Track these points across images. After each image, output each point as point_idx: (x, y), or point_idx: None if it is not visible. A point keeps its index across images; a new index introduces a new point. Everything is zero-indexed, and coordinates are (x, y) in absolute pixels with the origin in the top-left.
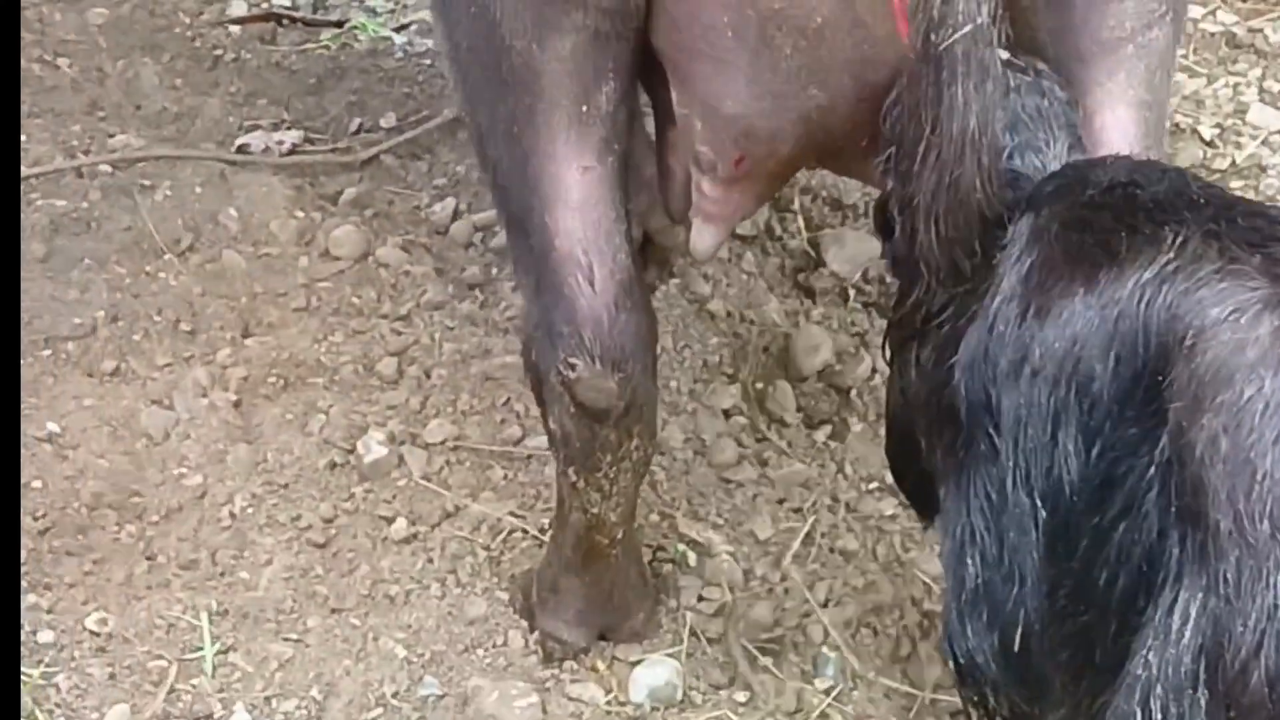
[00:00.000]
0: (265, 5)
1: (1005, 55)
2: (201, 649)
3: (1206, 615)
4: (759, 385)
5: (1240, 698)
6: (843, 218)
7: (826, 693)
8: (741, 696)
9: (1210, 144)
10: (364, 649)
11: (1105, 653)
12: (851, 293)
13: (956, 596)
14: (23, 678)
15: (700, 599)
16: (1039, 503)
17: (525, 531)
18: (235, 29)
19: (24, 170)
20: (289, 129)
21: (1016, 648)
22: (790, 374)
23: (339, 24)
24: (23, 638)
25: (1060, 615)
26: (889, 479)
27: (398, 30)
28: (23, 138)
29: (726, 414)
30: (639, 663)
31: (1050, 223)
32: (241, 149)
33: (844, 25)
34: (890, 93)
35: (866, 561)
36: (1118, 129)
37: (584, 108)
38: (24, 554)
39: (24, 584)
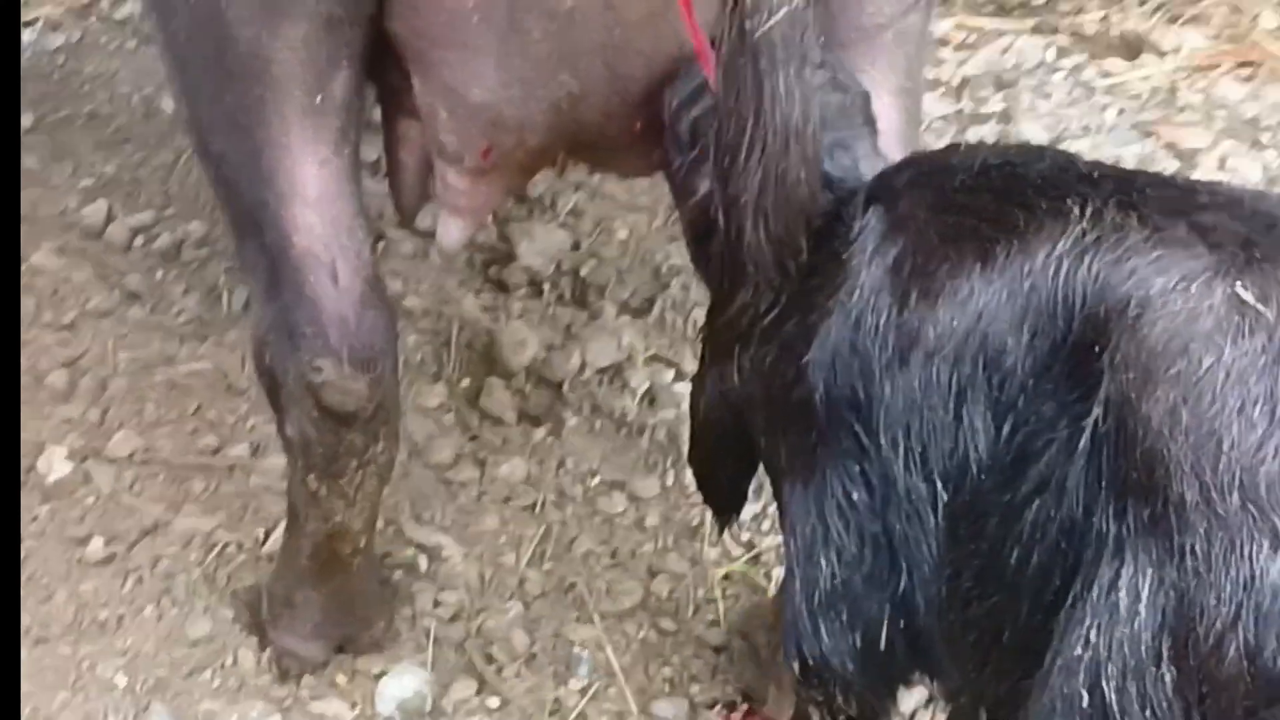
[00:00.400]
0: None
1: None
2: None
3: (1166, 590)
4: (466, 383)
5: (1215, 672)
6: (529, 210)
7: (582, 692)
8: (494, 702)
9: None
10: (79, 679)
11: (1015, 633)
12: (546, 286)
13: (807, 598)
14: None
15: (436, 604)
16: (939, 485)
17: (240, 545)
18: None
19: None
20: None
21: (884, 645)
22: (499, 370)
23: None
24: None
25: (965, 599)
26: (611, 474)
27: (26, 25)
28: None
29: (436, 413)
30: (383, 674)
31: (915, 210)
32: None
33: (595, 8)
34: (643, 83)
35: (603, 558)
36: (882, 117)
37: (318, 98)
38: None
39: None
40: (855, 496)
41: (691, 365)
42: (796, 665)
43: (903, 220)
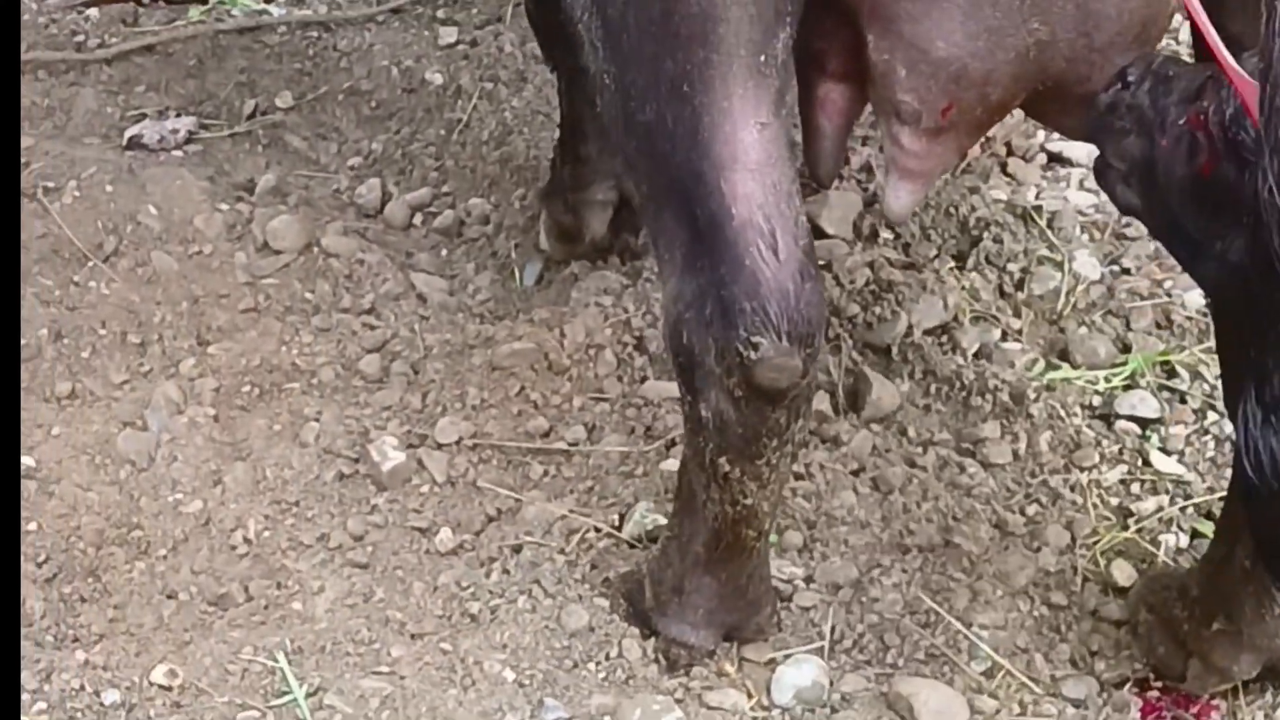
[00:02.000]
0: None
1: None
2: (289, 693)
3: None
4: None
5: None
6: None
7: (986, 675)
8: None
9: None
10: (467, 675)
11: None
12: (857, 248)
13: None
14: None
15: (810, 585)
16: None
17: (597, 530)
18: (92, 12)
19: None
20: (178, 116)
21: None
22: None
23: (204, 0)
24: (85, 700)
25: None
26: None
27: (268, 1)
28: None
29: None
30: (772, 662)
31: None
32: (134, 141)
33: None
34: (1115, 23)
35: (975, 531)
36: None
37: (761, 57)
38: (39, 606)
39: (49, 638)
40: None
41: (1015, 323)
42: None
43: None
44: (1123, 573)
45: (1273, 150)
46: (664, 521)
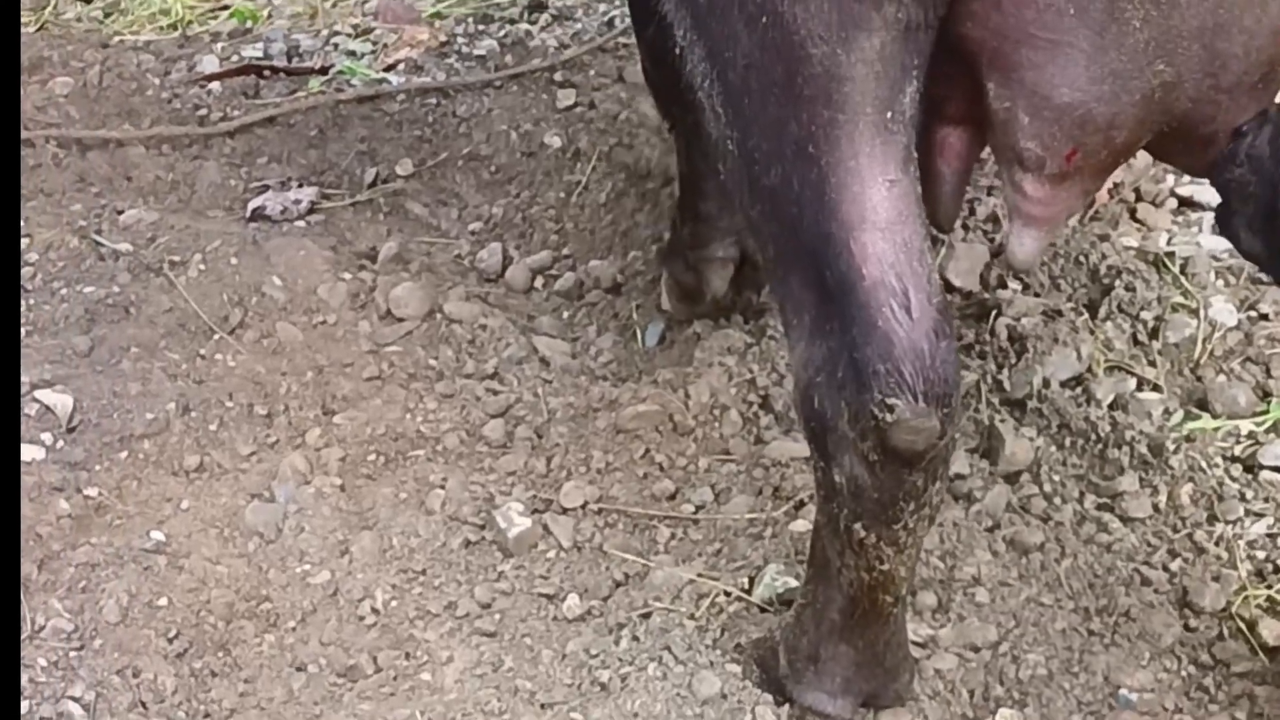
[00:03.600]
0: (237, 59)
1: None
2: None
3: None
4: None
5: None
6: None
7: None
8: None
9: None
10: None
11: None
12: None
13: None
14: None
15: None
16: None
17: (727, 594)
18: (214, 85)
19: (35, 256)
20: (300, 186)
21: None
22: None
23: (323, 70)
24: None
25: None
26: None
27: (387, 70)
28: (22, 222)
29: None
30: None
31: None
32: (257, 213)
33: None
34: (1242, 63)
35: (1124, 586)
36: None
37: (889, 114)
38: (171, 682)
39: (181, 714)
40: None
41: (1151, 372)
42: None
43: None
44: (1271, 631)
45: None
46: (794, 584)
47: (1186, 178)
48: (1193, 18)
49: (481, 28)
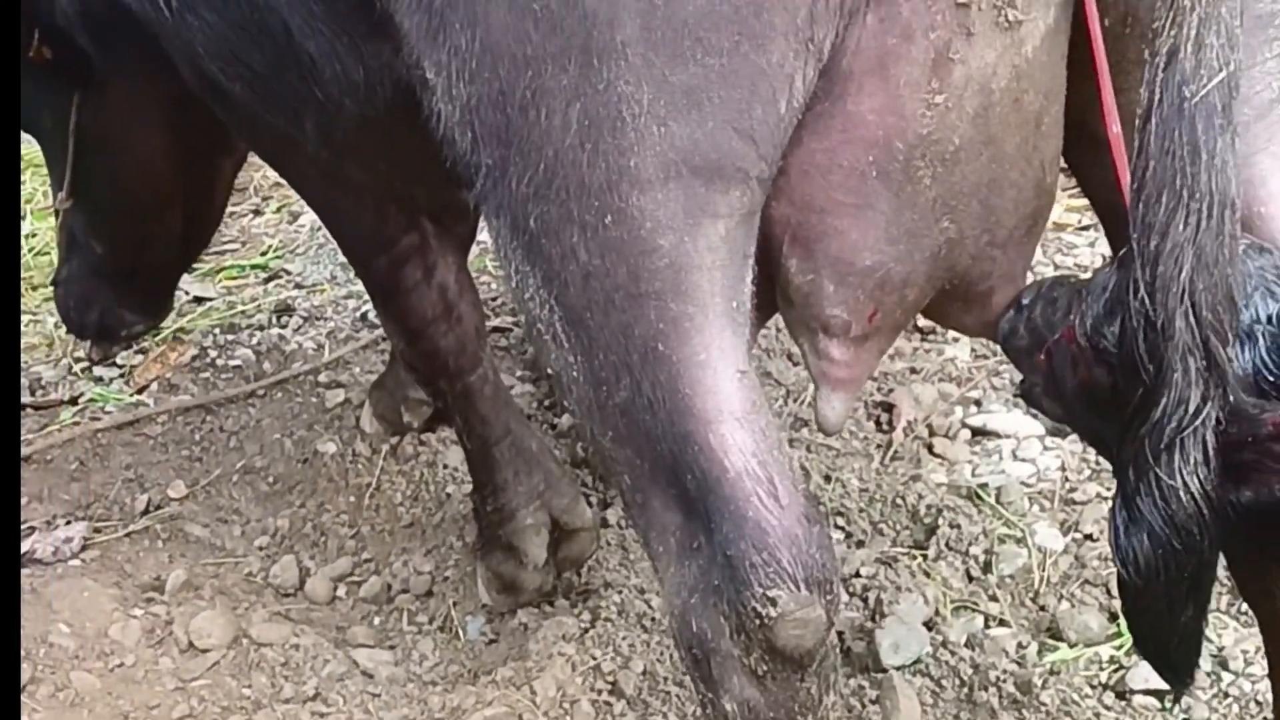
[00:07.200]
0: None
1: None
2: None
3: None
4: None
5: None
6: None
7: None
8: None
9: None
10: None
11: None
12: None
13: None
14: None
15: None
16: None
17: None
18: None
19: None
20: (68, 523)
21: None
22: None
23: (73, 400)
24: None
25: None
26: None
27: (140, 392)
28: None
29: None
30: None
31: None
32: (28, 557)
33: (977, 144)
34: (1013, 218)
35: None
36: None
37: (734, 303)
38: None
39: None
40: None
41: (995, 607)
42: None
43: None
44: None
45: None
46: None
47: (974, 408)
48: (971, 173)
49: (231, 337)
